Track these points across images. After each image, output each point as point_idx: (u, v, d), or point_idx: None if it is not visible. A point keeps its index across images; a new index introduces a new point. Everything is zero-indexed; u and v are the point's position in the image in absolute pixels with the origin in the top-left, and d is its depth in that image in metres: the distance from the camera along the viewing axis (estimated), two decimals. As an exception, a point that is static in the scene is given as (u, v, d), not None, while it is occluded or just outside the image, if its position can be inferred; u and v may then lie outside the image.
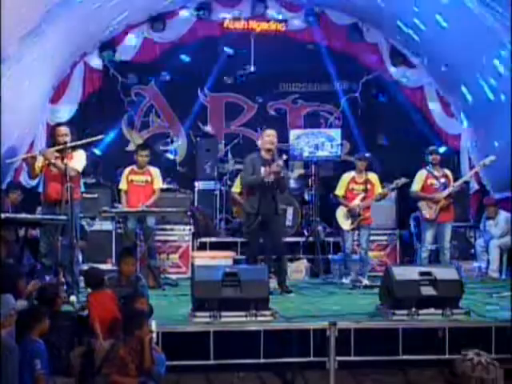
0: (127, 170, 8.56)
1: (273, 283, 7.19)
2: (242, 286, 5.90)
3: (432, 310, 6.05)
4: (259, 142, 7.81)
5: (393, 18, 10.48)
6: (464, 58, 9.77)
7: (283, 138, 11.04)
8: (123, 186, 8.52)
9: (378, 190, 8.55)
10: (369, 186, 8.49)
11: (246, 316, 5.84)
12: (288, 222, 9.67)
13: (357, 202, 8.41)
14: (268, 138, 7.63)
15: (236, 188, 9.38)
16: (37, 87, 9.23)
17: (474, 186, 10.69)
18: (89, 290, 5.74)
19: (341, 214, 8.48)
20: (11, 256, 7.25)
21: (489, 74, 9.56)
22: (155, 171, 8.60)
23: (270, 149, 7.59)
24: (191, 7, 11.03)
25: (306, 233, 9.85)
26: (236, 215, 9.89)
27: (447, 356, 5.77)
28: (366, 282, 8.19)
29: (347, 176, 8.57)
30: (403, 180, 8.50)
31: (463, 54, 9.73)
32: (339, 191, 8.55)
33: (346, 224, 8.43)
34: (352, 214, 8.37)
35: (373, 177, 8.60)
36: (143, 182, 8.49)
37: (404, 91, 11.56)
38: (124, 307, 5.34)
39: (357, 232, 8.51)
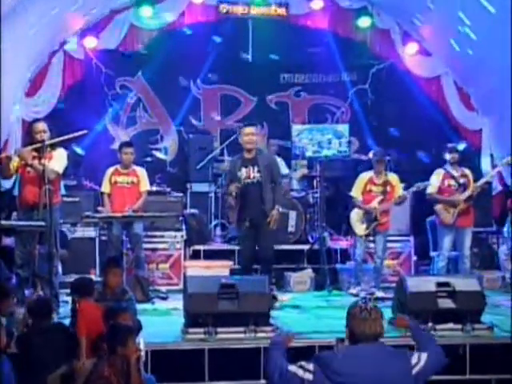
0: (110, 170, 8.54)
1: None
2: (239, 298, 5.91)
3: (451, 325, 6.07)
4: (241, 137, 7.81)
5: (406, 1, 10.50)
6: (485, 45, 9.79)
7: (285, 134, 11.11)
8: (105, 188, 8.50)
9: (399, 192, 8.48)
10: (388, 188, 8.43)
11: (244, 332, 5.86)
12: (290, 228, 9.68)
13: (374, 204, 8.38)
14: (247, 137, 7.67)
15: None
16: (11, 79, 9.23)
17: (497, 186, 10.70)
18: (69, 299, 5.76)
19: (355, 217, 8.46)
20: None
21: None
22: (141, 171, 8.60)
23: (251, 149, 7.67)
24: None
25: (310, 240, 9.86)
26: (232, 220, 9.90)
27: (468, 376, 5.79)
28: (381, 294, 8.17)
29: (364, 176, 8.54)
30: (425, 183, 8.47)
31: (484, 40, 9.75)
32: (355, 192, 8.52)
33: (360, 228, 8.40)
34: (368, 218, 8.35)
35: (393, 178, 8.54)
36: (128, 184, 8.47)
37: (418, 82, 11.57)
38: (107, 323, 5.34)
39: (371, 238, 8.49)
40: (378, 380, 3.64)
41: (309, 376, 3.69)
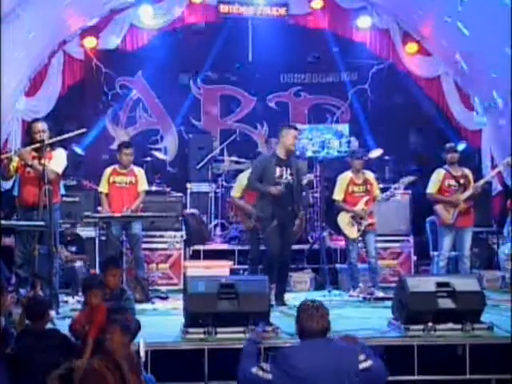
0: (108, 170, 8.53)
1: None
2: (239, 298, 5.90)
3: (450, 325, 6.05)
4: (281, 140, 7.74)
5: (406, 1, 10.50)
6: (485, 44, 9.78)
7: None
8: (103, 188, 8.49)
9: (376, 190, 8.57)
10: (368, 187, 8.51)
11: (244, 332, 5.83)
12: (291, 228, 9.66)
13: (361, 206, 8.40)
14: (294, 138, 7.67)
15: (236, 192, 9.26)
16: (10, 79, 9.23)
17: (497, 187, 10.70)
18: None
19: (344, 220, 8.45)
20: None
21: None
22: (140, 171, 8.59)
23: (292, 151, 7.74)
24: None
25: (310, 239, 9.85)
26: (236, 220, 9.86)
27: (468, 376, 5.78)
28: (380, 293, 8.17)
29: (344, 177, 8.54)
30: (410, 178, 8.51)
31: (485, 39, 9.74)
32: (338, 195, 8.52)
33: (351, 232, 8.41)
34: (358, 220, 8.36)
35: (370, 176, 8.62)
36: (127, 184, 8.46)
37: (419, 82, 11.58)
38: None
39: (361, 239, 8.50)
40: (330, 371, 3.94)
41: (267, 376, 4.00)
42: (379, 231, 8.76)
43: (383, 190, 8.76)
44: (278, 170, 7.60)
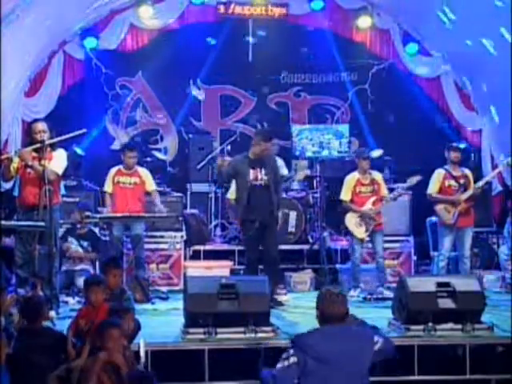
0: (113, 170, 8.57)
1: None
2: (239, 299, 5.90)
3: (451, 325, 6.06)
4: (252, 144, 7.80)
5: (406, 1, 10.51)
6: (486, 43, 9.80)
7: (285, 134, 11.10)
8: (108, 188, 8.52)
9: (384, 190, 8.57)
10: (375, 187, 8.51)
11: (244, 332, 5.84)
12: (291, 228, 9.67)
13: (369, 206, 8.40)
14: (263, 151, 7.70)
15: (231, 194, 9.32)
16: (10, 79, 9.23)
17: (497, 187, 10.71)
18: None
19: (352, 221, 8.44)
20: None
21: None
22: (144, 172, 8.62)
23: (261, 156, 7.72)
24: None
25: (310, 240, 9.85)
26: (233, 220, 9.90)
27: (468, 376, 5.79)
28: (388, 292, 8.13)
29: (351, 178, 8.55)
30: (418, 178, 8.50)
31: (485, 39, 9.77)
32: (345, 196, 8.52)
33: (359, 232, 8.40)
34: (366, 221, 8.36)
35: (378, 176, 8.62)
36: (131, 184, 8.49)
37: (419, 82, 11.58)
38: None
39: (367, 239, 8.49)
40: (347, 355, 4.11)
41: (294, 359, 4.10)
42: (380, 231, 8.77)
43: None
44: (251, 172, 7.63)
